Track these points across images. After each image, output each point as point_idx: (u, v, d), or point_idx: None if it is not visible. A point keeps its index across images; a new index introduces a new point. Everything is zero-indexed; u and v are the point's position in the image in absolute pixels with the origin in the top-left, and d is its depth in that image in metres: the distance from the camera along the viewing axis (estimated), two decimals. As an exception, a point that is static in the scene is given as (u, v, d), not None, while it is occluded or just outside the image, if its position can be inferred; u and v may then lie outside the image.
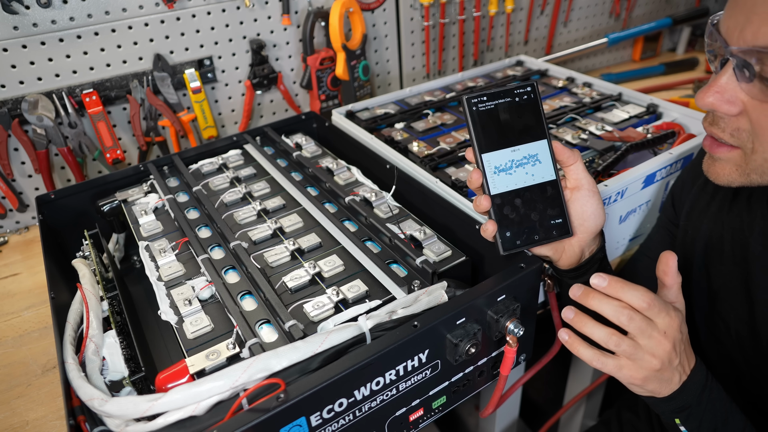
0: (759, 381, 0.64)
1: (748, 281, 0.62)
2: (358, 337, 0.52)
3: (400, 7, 1.22)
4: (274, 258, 0.67)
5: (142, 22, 0.97)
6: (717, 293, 0.66)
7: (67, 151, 0.96)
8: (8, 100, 0.91)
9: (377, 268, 0.65)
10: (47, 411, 0.66)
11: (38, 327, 0.79)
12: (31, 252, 0.95)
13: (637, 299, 0.53)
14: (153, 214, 0.78)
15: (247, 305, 0.61)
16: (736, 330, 0.64)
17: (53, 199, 0.80)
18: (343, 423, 0.51)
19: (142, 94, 1.01)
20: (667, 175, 0.82)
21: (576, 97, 1.05)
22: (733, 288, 0.64)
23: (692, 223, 0.70)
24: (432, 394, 0.57)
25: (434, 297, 0.56)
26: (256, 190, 0.82)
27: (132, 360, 0.58)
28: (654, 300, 0.53)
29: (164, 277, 0.66)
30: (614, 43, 1.45)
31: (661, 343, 0.53)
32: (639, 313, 0.53)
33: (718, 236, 0.65)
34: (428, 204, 0.75)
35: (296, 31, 1.13)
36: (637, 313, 0.53)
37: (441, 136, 0.93)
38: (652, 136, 0.86)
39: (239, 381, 0.47)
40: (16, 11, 0.87)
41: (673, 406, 0.56)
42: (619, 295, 0.54)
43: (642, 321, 0.53)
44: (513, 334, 0.56)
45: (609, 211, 0.76)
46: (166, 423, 0.46)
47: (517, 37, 1.42)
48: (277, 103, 1.19)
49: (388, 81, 1.31)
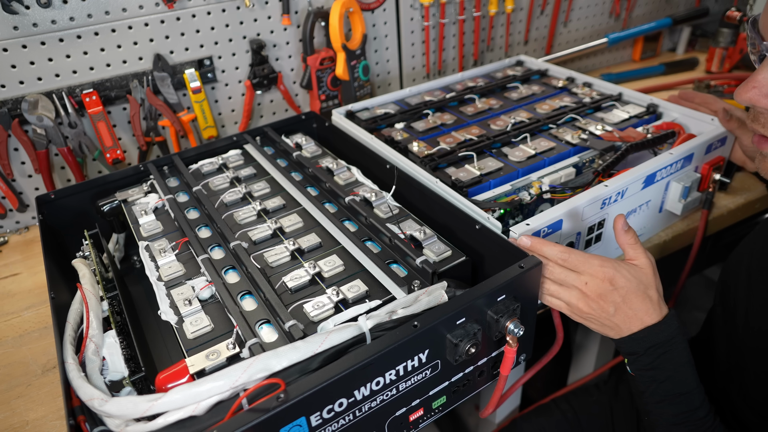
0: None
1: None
2: (358, 337, 0.52)
3: (400, 7, 1.22)
4: (274, 258, 0.67)
5: (142, 22, 0.97)
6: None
7: (67, 151, 0.96)
8: (8, 100, 0.91)
9: (377, 268, 0.65)
10: (47, 411, 0.66)
11: (38, 327, 0.79)
12: (31, 252, 0.95)
13: (553, 254, 0.62)
14: (153, 214, 0.78)
15: (247, 305, 0.61)
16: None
17: (53, 199, 0.80)
18: (343, 423, 0.50)
19: (142, 94, 1.01)
20: (667, 175, 0.82)
21: (576, 97, 1.05)
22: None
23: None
24: (432, 394, 0.57)
25: (434, 297, 0.56)
26: (256, 190, 0.82)
27: (132, 360, 0.58)
28: (570, 256, 0.61)
29: (164, 277, 0.66)
30: (614, 43, 1.45)
31: (582, 293, 0.60)
32: (559, 266, 0.62)
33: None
34: (428, 204, 0.75)
35: (296, 31, 1.13)
36: (557, 266, 0.62)
37: (441, 136, 0.93)
38: (652, 136, 0.86)
39: (239, 381, 0.47)
40: (16, 11, 0.87)
41: (623, 349, 0.62)
42: (541, 252, 0.62)
43: (561, 273, 0.61)
44: (513, 334, 0.56)
45: (609, 211, 0.76)
46: (166, 423, 0.46)
47: (517, 37, 1.42)
48: (277, 103, 1.19)
49: (388, 81, 1.31)
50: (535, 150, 0.86)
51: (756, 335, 0.68)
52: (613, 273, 0.60)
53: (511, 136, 0.91)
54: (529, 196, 0.75)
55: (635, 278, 0.60)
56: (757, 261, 0.70)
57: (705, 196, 0.88)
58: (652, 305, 0.60)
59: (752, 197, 0.96)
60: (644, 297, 0.60)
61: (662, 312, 0.61)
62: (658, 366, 0.60)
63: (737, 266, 0.74)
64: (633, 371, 0.62)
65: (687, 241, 0.91)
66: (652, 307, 0.60)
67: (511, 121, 0.95)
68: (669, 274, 1.02)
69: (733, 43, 1.38)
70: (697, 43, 1.62)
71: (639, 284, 0.60)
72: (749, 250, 0.73)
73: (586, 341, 1.21)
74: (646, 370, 0.61)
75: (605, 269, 0.60)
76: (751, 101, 0.54)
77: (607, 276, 0.59)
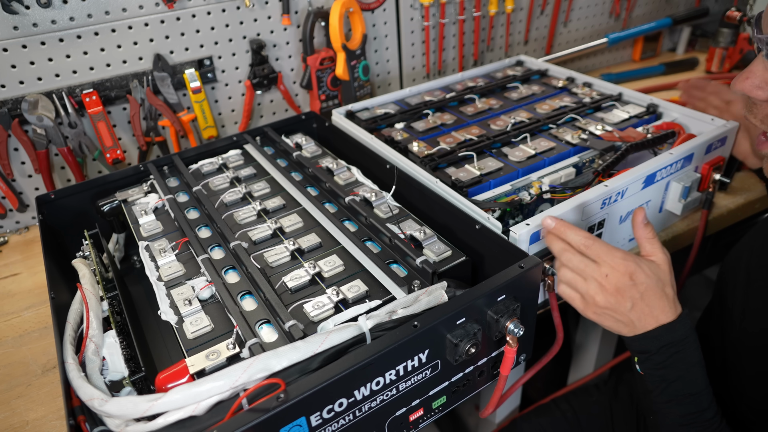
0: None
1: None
2: (358, 337, 0.52)
3: (400, 7, 1.22)
4: (274, 258, 0.67)
5: (142, 22, 0.97)
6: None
7: (67, 151, 0.96)
8: (8, 100, 0.91)
9: (377, 268, 0.65)
10: (47, 411, 0.66)
11: (38, 327, 0.79)
12: (31, 252, 0.95)
13: (576, 240, 0.60)
14: (153, 214, 0.78)
15: (247, 305, 0.61)
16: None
17: (53, 199, 0.80)
18: (343, 423, 0.51)
19: (142, 94, 1.01)
20: (667, 175, 0.82)
21: (576, 97, 1.05)
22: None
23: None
24: (432, 394, 0.57)
25: (434, 297, 0.56)
26: (256, 190, 0.82)
27: (132, 360, 0.58)
28: (594, 244, 0.58)
29: (164, 277, 0.66)
30: (614, 43, 1.45)
31: (601, 285, 0.58)
32: (579, 254, 0.60)
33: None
34: (428, 204, 0.75)
35: (296, 31, 1.13)
36: (577, 254, 0.60)
37: (441, 136, 0.93)
38: (652, 136, 0.85)
39: (239, 381, 0.47)
40: (16, 11, 0.87)
41: (633, 347, 0.61)
42: (563, 236, 0.60)
43: (580, 262, 0.60)
44: (513, 334, 0.56)
45: (609, 211, 0.76)
46: (166, 423, 0.46)
47: (517, 37, 1.42)
48: (277, 103, 1.19)
49: (388, 81, 1.31)
50: (535, 150, 0.86)
51: (754, 334, 0.68)
52: (635, 267, 0.58)
53: (511, 136, 0.91)
54: (529, 196, 0.75)
55: (654, 275, 0.59)
56: (757, 259, 0.70)
57: (705, 196, 0.88)
58: (668, 303, 0.60)
59: (752, 197, 0.96)
60: (662, 294, 0.59)
61: (677, 311, 0.60)
62: (670, 365, 0.59)
63: (736, 263, 0.74)
64: (643, 370, 0.61)
65: (687, 241, 0.91)
66: (668, 305, 0.59)
67: (511, 121, 0.95)
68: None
69: (733, 43, 1.38)
70: (697, 43, 1.62)
71: (658, 281, 0.59)
72: (749, 247, 0.73)
73: (586, 341, 1.21)
74: (657, 369, 0.60)
75: (627, 263, 0.58)
76: (744, 91, 0.56)
77: (628, 270, 0.58)
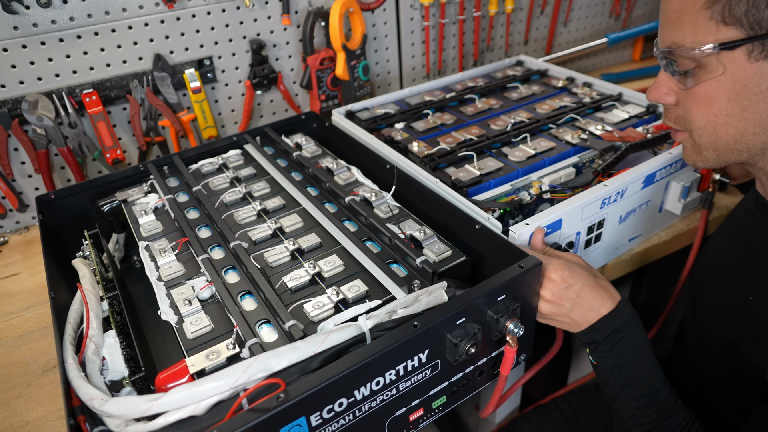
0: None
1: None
2: (358, 337, 0.52)
3: (400, 7, 1.22)
4: (274, 258, 0.67)
5: (142, 22, 0.97)
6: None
7: (67, 151, 0.96)
8: (8, 100, 0.91)
9: (377, 268, 0.65)
10: (47, 411, 0.66)
11: (38, 327, 0.79)
12: (31, 252, 0.95)
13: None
14: (153, 214, 0.78)
15: (247, 305, 0.61)
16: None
17: (53, 199, 0.80)
18: (343, 423, 0.51)
19: (142, 94, 1.01)
20: (667, 175, 0.82)
21: (576, 97, 1.05)
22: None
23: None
24: (432, 394, 0.57)
25: (434, 297, 0.56)
26: (256, 190, 0.82)
27: (132, 360, 0.58)
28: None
29: (164, 277, 0.66)
30: (614, 43, 1.45)
31: (541, 296, 0.62)
32: None
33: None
34: (428, 204, 0.75)
35: (296, 31, 1.13)
36: None
37: (441, 136, 0.93)
38: (652, 136, 0.85)
39: (239, 381, 0.47)
40: (16, 11, 0.87)
41: (584, 340, 0.65)
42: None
43: None
44: (513, 334, 0.56)
45: (609, 211, 0.76)
46: (166, 423, 0.46)
47: (517, 37, 1.42)
48: (277, 103, 1.19)
49: (388, 81, 1.31)
50: (535, 150, 0.86)
51: (714, 331, 0.70)
52: (568, 273, 0.62)
53: (511, 136, 0.91)
54: (529, 196, 0.76)
55: (586, 271, 0.63)
56: (723, 257, 0.71)
57: (705, 196, 0.88)
58: (606, 294, 0.62)
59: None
60: (597, 288, 0.62)
61: (616, 299, 0.63)
62: (617, 351, 0.62)
63: (705, 263, 0.75)
64: (595, 360, 0.64)
65: (687, 241, 0.91)
66: (606, 296, 0.62)
67: (511, 121, 0.95)
68: (669, 274, 1.02)
69: (733, 43, 1.38)
70: (697, 43, 1.62)
71: (590, 276, 0.63)
72: (717, 248, 0.74)
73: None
74: (607, 357, 0.63)
75: (560, 271, 0.62)
76: (656, 100, 0.61)
77: (562, 277, 0.62)
